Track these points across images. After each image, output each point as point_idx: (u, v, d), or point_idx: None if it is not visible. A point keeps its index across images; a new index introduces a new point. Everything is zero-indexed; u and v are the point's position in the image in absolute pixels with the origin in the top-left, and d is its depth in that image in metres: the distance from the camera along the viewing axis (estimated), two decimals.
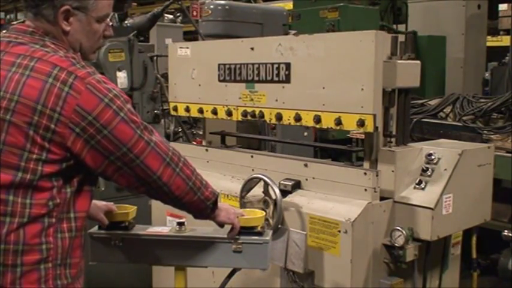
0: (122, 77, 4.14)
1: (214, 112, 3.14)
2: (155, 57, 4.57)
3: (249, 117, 2.96)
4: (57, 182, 1.78)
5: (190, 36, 7.90)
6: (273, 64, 2.82)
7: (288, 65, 2.76)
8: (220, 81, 3.10)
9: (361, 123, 2.49)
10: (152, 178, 1.88)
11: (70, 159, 1.78)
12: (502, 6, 7.93)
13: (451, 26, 5.73)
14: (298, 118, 2.74)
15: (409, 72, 2.60)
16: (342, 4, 5.15)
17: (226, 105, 3.08)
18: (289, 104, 2.78)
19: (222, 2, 3.97)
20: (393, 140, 2.65)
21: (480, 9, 5.84)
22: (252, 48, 2.93)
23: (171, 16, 8.11)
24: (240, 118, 3.02)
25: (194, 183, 1.99)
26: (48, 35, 1.85)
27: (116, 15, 4.94)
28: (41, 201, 1.76)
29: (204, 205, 2.06)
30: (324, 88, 2.62)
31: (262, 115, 2.91)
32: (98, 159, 1.80)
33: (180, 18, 8.07)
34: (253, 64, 2.92)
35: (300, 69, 2.72)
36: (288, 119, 2.79)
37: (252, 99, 2.95)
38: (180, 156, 1.97)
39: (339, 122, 2.57)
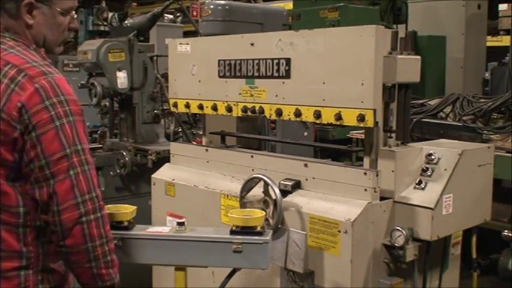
0: (121, 77, 4.15)
1: (214, 108, 3.14)
2: (155, 57, 4.57)
3: (249, 113, 2.96)
4: (20, 187, 1.72)
5: (190, 36, 7.89)
6: (273, 60, 2.82)
7: (288, 61, 2.75)
8: (220, 77, 3.09)
9: (361, 118, 2.48)
10: (52, 208, 1.69)
11: (19, 162, 1.71)
12: (502, 6, 7.92)
13: (451, 26, 5.73)
14: (298, 113, 2.73)
15: (409, 67, 2.60)
16: (342, 4, 5.15)
17: (226, 101, 3.07)
18: (289, 100, 2.78)
19: (222, 2, 3.97)
20: (393, 135, 2.65)
21: (480, 9, 5.84)
22: (252, 44, 2.92)
23: (171, 16, 8.09)
24: (240, 114, 3.02)
25: (94, 249, 1.73)
26: (9, 30, 1.81)
27: (116, 15, 4.95)
28: (8, 208, 1.71)
29: (92, 281, 1.78)
30: (324, 83, 2.62)
31: (262, 111, 2.90)
32: (23, 161, 1.70)
33: (180, 18, 8.06)
34: (253, 60, 2.91)
35: (300, 65, 2.71)
36: (288, 115, 2.78)
37: (252, 95, 2.94)
38: (100, 211, 1.74)
39: (339, 117, 2.57)
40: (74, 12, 1.93)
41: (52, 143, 1.68)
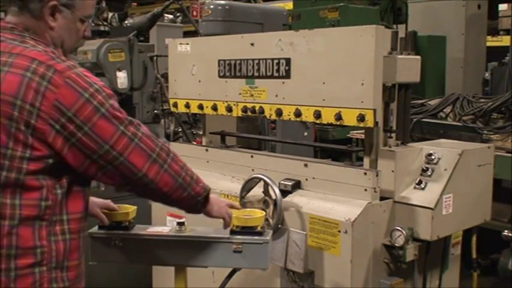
0: (121, 77, 4.15)
1: (214, 108, 3.14)
2: (155, 57, 4.58)
3: (249, 113, 2.96)
4: (45, 181, 1.73)
5: (190, 36, 7.89)
6: (273, 59, 2.82)
7: (288, 61, 2.76)
8: (220, 77, 3.09)
9: (361, 118, 2.49)
10: (137, 176, 1.82)
11: (54, 157, 1.72)
12: (502, 6, 7.94)
13: (451, 26, 5.73)
14: (298, 113, 2.73)
15: (409, 67, 2.61)
16: (342, 4, 5.16)
17: (226, 101, 3.07)
18: (289, 100, 2.78)
19: (222, 2, 3.97)
20: (393, 135, 2.65)
21: (480, 9, 5.85)
22: (252, 44, 2.92)
23: (171, 16, 8.10)
24: (240, 114, 3.02)
25: (184, 179, 1.94)
26: (29, 30, 1.82)
27: (116, 15, 4.95)
28: (30, 201, 1.72)
29: (194, 201, 2.02)
30: (324, 83, 2.62)
31: (262, 111, 2.90)
32: (79, 158, 1.75)
33: (180, 18, 8.07)
34: (253, 60, 2.91)
35: (300, 65, 2.71)
36: (288, 115, 2.78)
37: (252, 95, 2.95)
38: (169, 151, 1.92)
39: (339, 117, 2.57)
40: (90, 20, 1.96)
41: (106, 129, 1.75)
